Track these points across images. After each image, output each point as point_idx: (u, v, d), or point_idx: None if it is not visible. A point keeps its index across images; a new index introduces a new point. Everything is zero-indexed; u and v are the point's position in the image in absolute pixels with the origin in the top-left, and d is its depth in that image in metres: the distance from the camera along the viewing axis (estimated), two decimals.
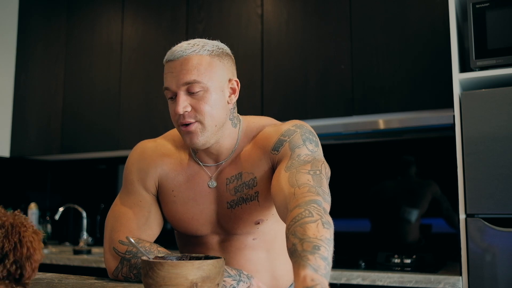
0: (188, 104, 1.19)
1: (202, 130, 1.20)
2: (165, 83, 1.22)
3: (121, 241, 1.26)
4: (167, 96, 1.23)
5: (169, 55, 1.22)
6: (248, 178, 1.27)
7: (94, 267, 2.68)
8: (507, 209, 1.86)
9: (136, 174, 1.33)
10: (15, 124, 3.52)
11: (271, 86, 2.67)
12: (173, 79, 1.19)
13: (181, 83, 1.19)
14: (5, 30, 3.56)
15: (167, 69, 1.22)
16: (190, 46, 1.21)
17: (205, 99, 1.20)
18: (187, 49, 1.20)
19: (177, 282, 0.91)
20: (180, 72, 1.19)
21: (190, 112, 1.19)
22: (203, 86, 1.19)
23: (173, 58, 1.21)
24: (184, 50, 1.20)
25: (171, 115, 1.24)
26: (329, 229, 0.93)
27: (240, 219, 1.28)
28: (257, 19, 2.77)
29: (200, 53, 1.20)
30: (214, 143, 1.25)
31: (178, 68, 1.19)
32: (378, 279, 2.03)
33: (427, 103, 2.31)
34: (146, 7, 3.13)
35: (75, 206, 3.33)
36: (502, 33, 1.99)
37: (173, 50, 1.22)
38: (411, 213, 2.61)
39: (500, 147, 1.89)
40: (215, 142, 1.25)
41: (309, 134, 1.25)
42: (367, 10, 2.50)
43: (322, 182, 1.11)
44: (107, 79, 3.20)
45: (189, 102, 1.19)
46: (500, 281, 1.83)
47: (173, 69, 1.20)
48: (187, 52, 1.20)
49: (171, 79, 1.20)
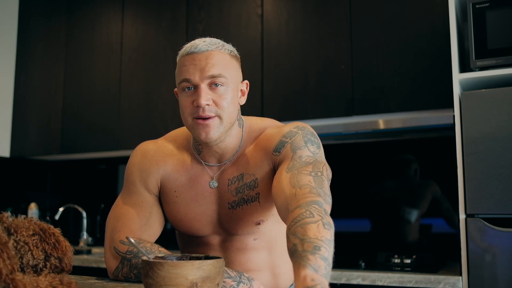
0: (210, 98, 1.20)
1: (219, 125, 1.22)
2: (185, 75, 1.21)
3: (122, 241, 1.26)
4: (182, 88, 1.22)
5: (191, 48, 1.22)
6: (249, 179, 1.27)
7: (94, 267, 2.68)
8: (507, 209, 1.86)
9: (137, 174, 1.33)
10: (15, 124, 3.52)
11: (271, 86, 2.68)
12: (196, 71, 1.20)
13: (206, 76, 1.20)
14: (5, 30, 3.56)
15: (189, 61, 1.21)
16: (213, 42, 1.23)
17: (226, 95, 1.21)
18: (211, 44, 1.23)
19: (177, 282, 0.91)
20: (206, 65, 1.20)
21: (211, 105, 1.20)
22: (226, 81, 1.21)
23: (197, 51, 1.21)
24: (208, 45, 1.22)
25: (184, 107, 1.23)
26: (329, 230, 0.93)
27: (240, 219, 1.28)
28: (257, 19, 2.77)
29: (222, 50, 1.24)
30: (221, 142, 1.26)
31: (203, 61, 1.20)
32: (378, 279, 2.04)
33: (427, 103, 2.31)
34: (146, 7, 3.13)
35: (75, 206, 3.33)
36: (502, 33, 1.99)
37: (195, 44, 1.23)
38: (411, 213, 2.61)
39: (500, 147, 1.89)
40: (222, 141, 1.26)
41: (310, 136, 1.25)
42: (367, 10, 2.50)
43: (323, 184, 1.11)
44: (107, 79, 3.20)
45: (210, 96, 1.20)
46: (500, 281, 1.83)
47: (196, 61, 1.20)
48: (211, 47, 1.22)
49: (194, 71, 1.20)
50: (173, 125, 2.88)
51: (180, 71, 1.23)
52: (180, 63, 1.24)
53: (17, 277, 0.84)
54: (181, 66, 1.23)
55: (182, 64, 1.23)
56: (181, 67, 1.23)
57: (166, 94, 2.98)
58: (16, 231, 0.94)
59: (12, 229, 0.94)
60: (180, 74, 1.23)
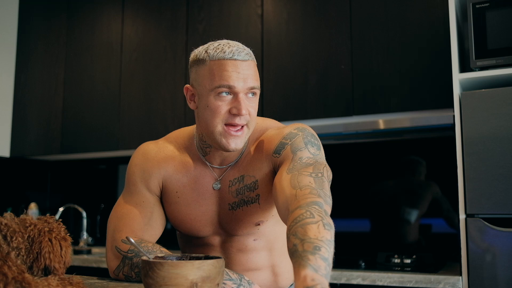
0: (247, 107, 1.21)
1: (246, 134, 1.24)
2: (228, 81, 1.18)
3: (124, 241, 1.27)
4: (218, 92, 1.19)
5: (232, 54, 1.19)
6: (249, 181, 1.27)
7: (94, 267, 2.68)
8: (507, 209, 1.86)
9: (139, 175, 1.34)
10: (15, 124, 3.52)
11: (271, 86, 2.68)
12: (239, 80, 1.19)
13: (248, 86, 1.20)
14: (5, 30, 3.55)
15: (231, 67, 1.19)
16: (248, 52, 1.23)
17: (255, 105, 1.24)
18: (249, 53, 1.23)
19: (177, 282, 0.91)
20: (248, 75, 1.20)
21: (246, 115, 1.20)
22: (257, 92, 1.24)
23: (241, 58, 1.20)
24: (249, 54, 1.22)
25: (217, 112, 1.20)
26: (329, 231, 0.94)
27: (241, 220, 1.29)
28: (257, 19, 2.77)
29: (254, 60, 1.26)
30: None
31: (245, 70, 1.20)
32: (378, 279, 2.04)
33: (427, 103, 2.31)
34: (146, 7, 3.13)
35: (75, 206, 3.33)
36: (502, 33, 1.99)
37: (237, 50, 1.20)
38: (411, 213, 2.61)
39: (500, 147, 1.89)
40: None
41: (311, 137, 1.25)
42: (367, 10, 2.50)
43: (324, 185, 1.11)
44: (107, 79, 3.20)
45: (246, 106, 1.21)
46: (500, 281, 1.84)
47: (240, 70, 1.19)
48: (251, 57, 1.23)
49: (237, 79, 1.19)
50: (173, 125, 2.88)
51: (219, 74, 1.19)
52: (217, 66, 1.20)
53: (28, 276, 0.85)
54: (220, 70, 1.19)
55: (223, 68, 1.19)
56: (221, 70, 1.19)
57: (166, 94, 2.98)
58: (12, 237, 0.94)
59: (8, 236, 0.94)
60: (219, 78, 1.19)
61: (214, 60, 1.20)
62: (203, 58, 1.22)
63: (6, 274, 0.82)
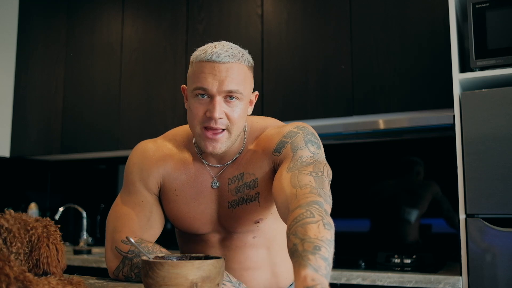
0: (223, 111, 1.18)
1: (227, 139, 1.21)
2: (203, 83, 1.17)
3: (124, 241, 1.27)
4: (195, 94, 1.19)
5: (212, 55, 1.18)
6: (249, 179, 1.27)
7: (94, 267, 2.68)
8: (507, 209, 1.86)
9: (137, 174, 1.33)
10: (15, 124, 3.52)
11: (271, 86, 2.68)
12: (215, 82, 1.17)
13: (224, 90, 1.17)
14: (5, 30, 3.55)
15: (208, 69, 1.18)
16: (236, 53, 1.20)
17: (238, 109, 1.20)
18: (233, 55, 1.19)
19: (177, 282, 0.91)
20: (226, 78, 1.17)
21: (223, 119, 1.18)
22: (241, 96, 1.20)
23: (219, 60, 1.17)
24: (231, 56, 1.18)
25: (194, 114, 1.20)
26: (330, 230, 0.94)
27: (240, 218, 1.29)
28: (257, 19, 2.77)
29: (242, 62, 1.21)
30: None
31: (223, 72, 1.17)
32: (378, 279, 2.04)
33: (427, 103, 2.31)
34: (146, 7, 3.13)
35: (75, 206, 3.33)
36: (502, 33, 1.99)
37: (217, 52, 1.18)
38: (411, 213, 2.61)
39: (500, 147, 1.89)
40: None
41: (311, 136, 1.25)
42: (367, 10, 2.50)
43: (324, 184, 1.11)
44: (107, 79, 3.20)
45: (224, 109, 1.18)
46: (500, 281, 1.83)
47: (216, 72, 1.17)
48: (233, 59, 1.18)
49: (212, 81, 1.17)
50: (173, 125, 2.88)
51: (197, 76, 1.19)
52: (197, 67, 1.20)
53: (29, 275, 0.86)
54: (198, 71, 1.19)
55: (201, 70, 1.19)
56: (198, 72, 1.19)
57: (166, 94, 2.98)
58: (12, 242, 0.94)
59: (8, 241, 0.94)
60: (197, 80, 1.19)
61: (197, 62, 1.21)
62: (191, 59, 1.24)
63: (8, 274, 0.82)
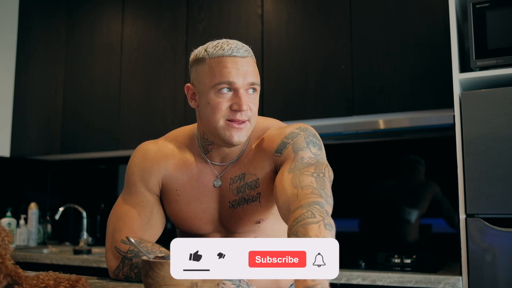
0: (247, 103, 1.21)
1: (249, 129, 1.24)
2: (228, 77, 1.19)
3: (124, 241, 1.27)
4: (218, 88, 1.20)
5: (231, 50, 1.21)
6: (250, 179, 1.28)
7: (95, 267, 2.68)
8: (507, 209, 1.86)
9: (138, 175, 1.34)
10: (15, 124, 3.52)
11: (271, 86, 2.68)
12: (239, 76, 1.20)
13: (248, 82, 1.21)
14: (5, 30, 3.55)
15: (231, 63, 1.20)
16: (247, 49, 1.25)
17: (256, 100, 1.25)
18: (247, 50, 1.24)
19: (177, 282, 0.91)
20: (248, 71, 1.21)
21: (248, 111, 1.21)
22: (257, 88, 1.25)
23: (239, 55, 1.22)
24: (247, 50, 1.24)
25: (219, 108, 1.21)
26: (330, 231, 0.94)
27: (241, 218, 1.29)
28: (257, 19, 2.77)
29: (253, 57, 1.27)
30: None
31: (245, 66, 1.21)
32: (378, 279, 2.04)
33: (427, 103, 2.31)
34: (146, 7, 3.13)
35: (75, 206, 3.33)
36: (502, 33, 1.99)
37: (236, 47, 1.22)
38: (411, 213, 2.61)
39: (500, 147, 1.89)
40: None
41: (312, 137, 1.25)
42: (367, 10, 2.50)
43: (325, 185, 1.11)
44: (107, 79, 3.20)
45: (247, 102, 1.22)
46: (500, 281, 1.83)
47: (239, 66, 1.21)
48: (249, 54, 1.24)
49: (237, 75, 1.20)
50: (173, 125, 2.88)
51: (219, 71, 1.20)
52: (216, 63, 1.21)
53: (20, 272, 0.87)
54: (220, 67, 1.20)
55: (223, 65, 1.20)
56: (220, 67, 1.20)
57: (166, 94, 2.98)
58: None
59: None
60: (220, 75, 1.20)
61: (213, 58, 1.22)
62: (202, 56, 1.24)
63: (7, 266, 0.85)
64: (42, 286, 0.92)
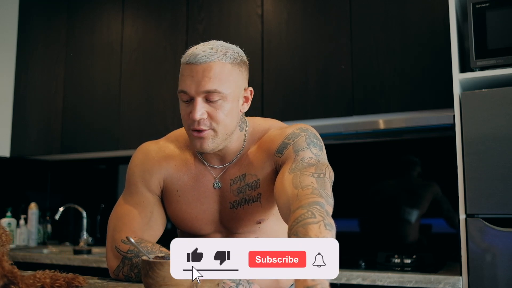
0: (205, 111, 1.18)
1: (214, 137, 1.21)
2: (183, 86, 1.19)
3: (124, 241, 1.27)
4: (181, 99, 1.21)
5: (190, 57, 1.19)
6: (251, 180, 1.28)
7: (95, 267, 2.68)
8: (507, 209, 1.86)
9: (139, 175, 1.34)
10: (15, 124, 3.52)
11: (271, 86, 2.67)
12: (192, 84, 1.18)
13: (202, 91, 1.17)
14: (5, 30, 3.55)
15: (187, 71, 1.19)
16: (214, 52, 1.19)
17: (222, 108, 1.19)
18: (211, 54, 1.18)
19: (177, 282, 0.91)
20: (202, 79, 1.17)
21: (205, 119, 1.19)
22: (222, 95, 1.18)
23: (195, 61, 1.18)
24: (208, 56, 1.18)
25: (183, 117, 1.22)
26: (331, 231, 0.94)
27: (242, 219, 1.29)
28: (257, 19, 2.76)
29: (223, 60, 1.19)
30: (220, 149, 1.26)
31: (200, 74, 1.17)
32: (378, 279, 2.04)
33: (427, 103, 2.31)
34: (146, 7, 3.13)
35: (75, 206, 3.33)
36: (502, 33, 1.99)
37: (194, 53, 1.19)
38: (411, 213, 2.61)
39: (500, 147, 1.89)
40: (222, 148, 1.26)
41: (313, 137, 1.25)
42: (367, 10, 2.50)
43: (326, 185, 1.11)
44: (107, 79, 3.20)
45: (206, 109, 1.19)
46: (500, 281, 1.83)
47: (194, 73, 1.18)
48: (211, 59, 1.18)
49: (191, 83, 1.18)
50: (173, 125, 2.88)
51: (179, 80, 1.22)
52: (180, 71, 1.23)
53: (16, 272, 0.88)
54: (180, 75, 1.22)
55: (181, 73, 1.22)
56: (180, 75, 1.22)
57: (166, 94, 2.98)
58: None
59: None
60: (179, 83, 1.22)
61: (182, 64, 1.23)
62: None
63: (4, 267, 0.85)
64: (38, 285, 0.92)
